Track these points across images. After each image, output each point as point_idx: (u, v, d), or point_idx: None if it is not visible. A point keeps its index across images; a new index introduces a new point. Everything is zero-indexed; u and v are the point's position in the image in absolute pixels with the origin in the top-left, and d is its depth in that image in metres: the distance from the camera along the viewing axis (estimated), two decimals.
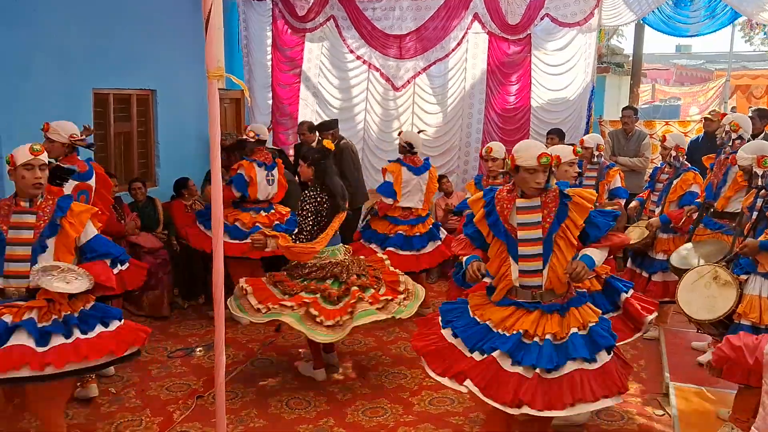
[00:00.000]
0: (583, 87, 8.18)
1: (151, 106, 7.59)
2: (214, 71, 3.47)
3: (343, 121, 8.74)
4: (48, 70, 6.07)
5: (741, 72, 16.87)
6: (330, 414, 4.52)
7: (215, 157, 3.67)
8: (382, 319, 4.74)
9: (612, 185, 6.18)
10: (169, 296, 6.52)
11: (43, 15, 5.98)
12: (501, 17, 8.28)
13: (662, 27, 7.94)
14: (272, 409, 4.59)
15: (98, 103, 6.80)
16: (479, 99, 8.63)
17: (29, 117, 5.81)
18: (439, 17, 8.47)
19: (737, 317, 3.80)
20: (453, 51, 8.56)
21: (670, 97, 17.33)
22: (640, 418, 4.48)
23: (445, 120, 8.77)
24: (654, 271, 5.71)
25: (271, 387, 4.95)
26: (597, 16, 7.99)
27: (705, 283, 3.99)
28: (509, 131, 8.44)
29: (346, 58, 9.00)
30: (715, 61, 21.37)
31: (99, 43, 6.60)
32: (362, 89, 9.01)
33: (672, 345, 5.63)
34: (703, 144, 7.16)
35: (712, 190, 5.45)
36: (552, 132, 7.60)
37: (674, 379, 4.87)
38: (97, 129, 6.77)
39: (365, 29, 8.70)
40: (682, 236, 5.69)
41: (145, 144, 7.61)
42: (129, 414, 4.48)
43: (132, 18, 7.03)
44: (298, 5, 8.88)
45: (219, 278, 3.42)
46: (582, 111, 8.22)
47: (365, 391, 4.88)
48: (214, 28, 3.45)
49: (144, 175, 7.52)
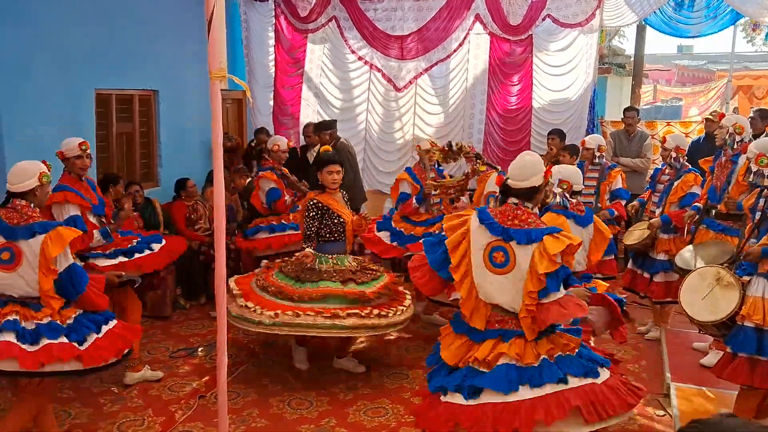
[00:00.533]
0: (584, 88, 8.18)
1: (153, 107, 7.61)
2: (217, 72, 3.47)
3: (344, 122, 8.76)
4: (50, 70, 6.08)
5: (743, 72, 16.87)
6: (332, 414, 4.53)
7: (218, 157, 3.68)
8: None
9: (613, 186, 6.19)
10: (171, 296, 6.53)
11: (44, 15, 6.00)
12: (502, 18, 8.28)
13: (664, 28, 7.93)
14: (274, 409, 4.59)
15: (100, 104, 6.81)
16: (481, 99, 8.63)
17: (31, 117, 5.83)
18: (441, 18, 8.48)
19: (740, 319, 3.80)
20: (455, 52, 8.57)
21: (672, 98, 17.33)
22: (641, 419, 4.48)
23: (447, 120, 8.77)
24: (656, 271, 5.71)
25: (273, 387, 4.95)
26: (598, 17, 7.99)
27: (708, 285, 3.99)
28: (510, 132, 8.45)
29: (347, 59, 9.01)
30: (717, 62, 21.33)
31: (101, 43, 6.62)
32: (364, 90, 9.02)
33: (673, 345, 5.62)
34: (704, 145, 7.17)
35: (715, 192, 5.45)
36: (553, 132, 7.59)
37: (675, 379, 4.87)
38: (99, 129, 6.80)
39: (367, 30, 8.71)
40: (682, 237, 5.69)
41: (147, 144, 7.62)
42: (131, 414, 4.49)
43: (134, 18, 7.05)
44: (300, 6, 8.89)
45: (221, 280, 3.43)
46: (583, 112, 8.22)
47: (367, 391, 4.89)
48: (216, 29, 3.45)
49: (146, 175, 7.53)
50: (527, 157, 3.34)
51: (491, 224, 3.16)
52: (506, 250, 3.11)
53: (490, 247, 3.15)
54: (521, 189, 3.23)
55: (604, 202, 6.22)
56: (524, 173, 3.24)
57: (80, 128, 6.50)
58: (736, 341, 3.82)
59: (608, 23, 8.26)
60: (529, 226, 3.13)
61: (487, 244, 3.16)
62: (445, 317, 5.90)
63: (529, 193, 3.24)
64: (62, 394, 4.73)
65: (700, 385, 4.76)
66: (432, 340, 5.63)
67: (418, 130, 8.75)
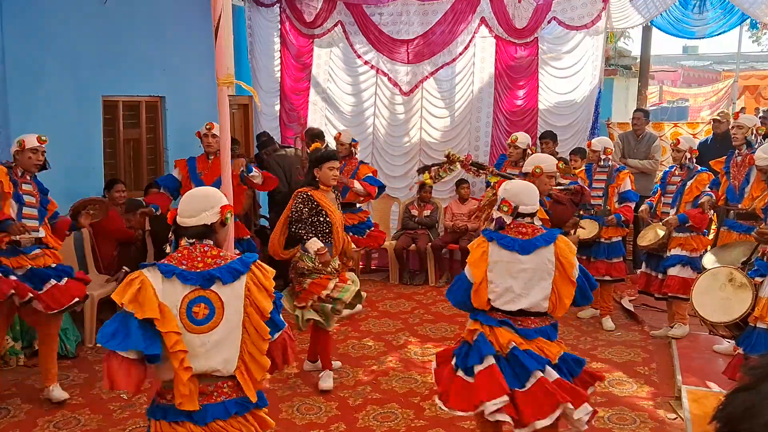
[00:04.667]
0: (590, 89, 8.15)
1: (160, 113, 7.62)
2: (224, 78, 3.50)
3: (352, 126, 8.77)
4: (59, 76, 6.14)
5: (749, 72, 16.81)
6: (341, 419, 4.52)
7: (225, 162, 3.70)
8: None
9: (622, 188, 6.17)
10: None
11: (54, 22, 6.05)
12: (508, 21, 8.27)
13: (670, 29, 7.90)
14: (283, 414, 4.59)
15: (107, 110, 6.84)
16: (487, 103, 8.62)
17: (40, 123, 5.87)
18: (446, 22, 8.47)
19: (753, 320, 3.78)
20: (460, 55, 8.55)
21: (678, 99, 17.29)
22: (652, 422, 4.45)
23: (453, 124, 8.76)
24: (671, 265, 5.69)
25: (282, 392, 4.95)
26: (604, 19, 7.96)
27: (720, 286, 3.97)
28: None
29: (354, 63, 9.01)
30: (723, 62, 21.27)
31: (108, 50, 6.65)
32: (371, 94, 9.02)
33: (684, 348, 5.60)
34: (713, 145, 7.13)
35: (734, 192, 5.43)
36: (546, 136, 7.58)
37: (686, 382, 4.83)
38: (106, 135, 6.84)
39: (372, 34, 8.71)
40: (698, 235, 5.68)
41: (154, 150, 7.64)
42: (141, 420, 4.47)
43: (141, 25, 7.07)
44: (306, 11, 8.91)
45: None
46: (590, 114, 8.19)
47: (376, 396, 4.87)
48: (223, 36, 3.47)
49: (153, 181, 7.54)
50: (199, 191, 2.85)
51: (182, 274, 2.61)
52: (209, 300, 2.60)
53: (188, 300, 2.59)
54: (191, 227, 2.68)
55: (612, 205, 6.20)
56: (193, 208, 2.71)
57: (88, 134, 6.55)
58: (748, 342, 3.81)
59: (614, 25, 8.24)
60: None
61: (184, 296, 2.59)
62: None
63: (204, 232, 2.69)
64: (72, 401, 4.73)
65: (711, 388, 4.73)
66: (440, 343, 5.63)
67: (425, 133, 8.73)
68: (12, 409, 4.60)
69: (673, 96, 17.82)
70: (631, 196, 6.19)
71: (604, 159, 6.28)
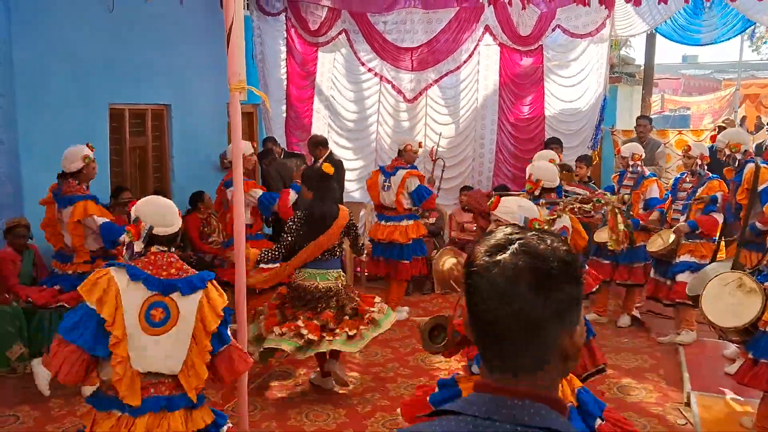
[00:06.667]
0: (595, 97, 8.18)
1: (165, 121, 7.64)
2: (236, 84, 3.51)
3: (356, 133, 8.78)
4: (66, 84, 6.17)
5: (750, 81, 16.87)
6: (350, 426, 4.51)
7: (237, 166, 3.71)
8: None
9: (648, 195, 6.24)
10: None
11: (61, 30, 6.08)
12: (512, 29, 8.30)
13: (674, 36, 7.93)
14: (292, 421, 4.58)
15: (114, 118, 6.86)
16: (492, 110, 8.64)
17: (47, 130, 5.91)
18: (450, 30, 8.50)
19: (763, 325, 3.78)
20: (464, 63, 8.58)
21: (680, 107, 17.34)
22: (662, 428, 4.44)
23: (458, 131, 8.78)
24: (680, 271, 5.71)
25: (291, 399, 4.94)
26: (608, 27, 8.00)
27: (729, 291, 3.97)
28: (523, 141, 8.46)
29: (358, 71, 9.04)
30: (723, 71, 21.36)
31: (115, 58, 6.68)
32: (375, 101, 9.04)
33: (692, 354, 5.59)
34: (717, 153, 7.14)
35: (731, 210, 5.51)
36: (554, 141, 7.60)
37: (695, 387, 4.84)
38: (112, 144, 6.86)
39: (377, 42, 8.74)
40: (708, 241, 5.71)
41: (160, 158, 7.66)
42: None
43: (148, 34, 7.10)
44: (311, 20, 8.94)
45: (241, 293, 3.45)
46: (594, 121, 8.21)
47: (384, 403, 4.86)
48: (235, 42, 3.49)
49: (159, 189, 7.55)
50: (161, 202, 3.08)
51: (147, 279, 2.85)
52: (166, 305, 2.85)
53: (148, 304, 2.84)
54: (168, 235, 2.98)
55: (636, 211, 6.28)
56: (170, 219, 2.99)
57: (94, 142, 6.52)
58: (758, 347, 3.81)
59: (619, 33, 8.27)
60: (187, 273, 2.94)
61: (145, 299, 2.84)
62: None
63: (175, 237, 3.02)
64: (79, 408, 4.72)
65: (720, 393, 4.72)
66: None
67: (430, 141, 8.74)
68: (21, 416, 4.59)
69: (675, 104, 17.86)
70: (655, 204, 6.23)
71: (633, 165, 6.36)
